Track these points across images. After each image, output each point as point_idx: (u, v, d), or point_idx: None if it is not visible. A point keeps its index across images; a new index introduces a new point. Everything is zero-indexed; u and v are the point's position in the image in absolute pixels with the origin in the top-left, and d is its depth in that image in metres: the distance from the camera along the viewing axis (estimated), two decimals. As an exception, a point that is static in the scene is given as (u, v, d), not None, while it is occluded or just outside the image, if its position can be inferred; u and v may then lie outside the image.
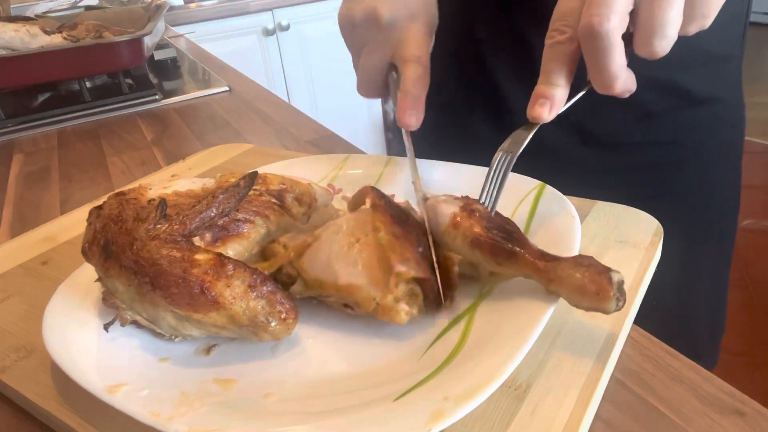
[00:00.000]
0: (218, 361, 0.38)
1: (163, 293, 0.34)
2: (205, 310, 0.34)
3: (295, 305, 0.37)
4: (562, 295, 0.35)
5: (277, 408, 0.34)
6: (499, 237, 0.37)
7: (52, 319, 0.40)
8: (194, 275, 0.34)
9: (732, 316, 0.75)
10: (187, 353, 0.39)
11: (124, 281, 0.36)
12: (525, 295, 0.39)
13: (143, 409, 0.32)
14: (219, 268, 0.34)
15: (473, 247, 0.38)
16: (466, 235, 0.38)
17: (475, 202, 0.41)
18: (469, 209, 0.40)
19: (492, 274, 0.40)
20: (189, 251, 0.35)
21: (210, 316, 0.35)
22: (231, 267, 0.35)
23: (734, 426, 0.33)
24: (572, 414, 0.32)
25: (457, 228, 0.39)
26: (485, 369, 0.33)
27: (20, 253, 0.57)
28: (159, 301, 0.35)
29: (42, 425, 0.39)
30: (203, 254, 0.35)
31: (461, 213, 0.39)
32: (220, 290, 0.34)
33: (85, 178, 0.82)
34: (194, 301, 0.34)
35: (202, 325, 0.36)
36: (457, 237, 0.39)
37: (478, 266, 0.40)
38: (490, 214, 0.40)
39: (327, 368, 0.37)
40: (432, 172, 0.56)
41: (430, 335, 0.38)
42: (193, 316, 0.35)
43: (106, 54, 1.11)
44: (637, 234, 0.47)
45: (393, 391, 0.33)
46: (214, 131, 0.97)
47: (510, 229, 0.38)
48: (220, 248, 0.38)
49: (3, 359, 0.42)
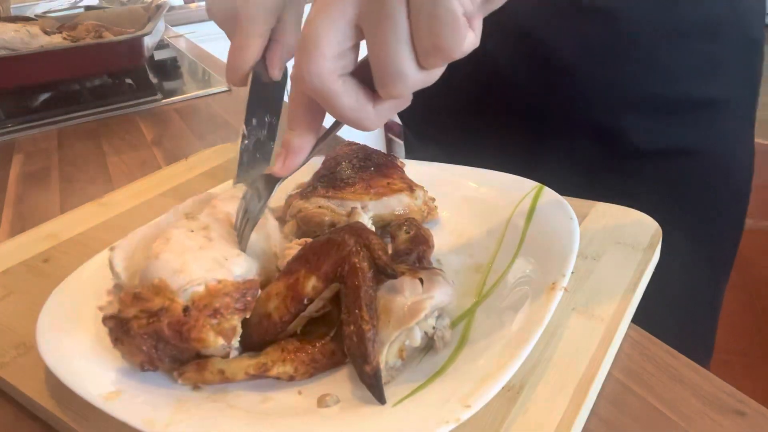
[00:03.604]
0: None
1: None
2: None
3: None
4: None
5: (276, 413, 0.34)
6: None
7: (47, 323, 0.40)
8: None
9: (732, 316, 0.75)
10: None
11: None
12: (525, 296, 0.39)
13: (139, 416, 0.32)
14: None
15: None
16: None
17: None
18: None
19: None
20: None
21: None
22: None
23: (734, 426, 0.33)
24: (565, 414, 0.32)
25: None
26: (486, 371, 0.32)
27: (22, 251, 0.57)
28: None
29: (40, 422, 0.39)
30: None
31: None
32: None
33: (85, 178, 0.82)
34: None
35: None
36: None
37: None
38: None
39: (326, 373, 0.37)
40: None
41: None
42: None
43: (106, 54, 1.11)
44: (636, 236, 0.47)
45: (390, 395, 0.33)
46: (214, 131, 0.97)
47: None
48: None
49: (2, 356, 0.42)
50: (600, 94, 0.60)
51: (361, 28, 0.30)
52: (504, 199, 0.51)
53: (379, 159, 0.53)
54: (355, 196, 0.49)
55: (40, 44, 1.13)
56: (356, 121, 0.32)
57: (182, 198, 0.60)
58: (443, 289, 0.36)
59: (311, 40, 0.29)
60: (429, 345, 0.37)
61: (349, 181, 0.50)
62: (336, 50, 0.30)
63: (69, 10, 1.68)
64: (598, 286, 0.42)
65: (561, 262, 0.40)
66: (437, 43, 0.28)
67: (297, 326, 0.38)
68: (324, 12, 0.29)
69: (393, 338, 0.34)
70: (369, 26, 0.29)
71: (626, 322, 0.39)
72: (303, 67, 0.30)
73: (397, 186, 0.50)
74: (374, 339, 0.33)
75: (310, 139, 0.36)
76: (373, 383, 0.33)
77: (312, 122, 0.35)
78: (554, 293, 0.37)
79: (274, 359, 0.36)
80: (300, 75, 0.30)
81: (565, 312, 0.40)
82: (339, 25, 0.29)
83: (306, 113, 0.35)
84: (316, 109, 0.34)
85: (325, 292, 0.37)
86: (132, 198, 0.66)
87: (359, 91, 0.31)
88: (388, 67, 0.29)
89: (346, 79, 0.31)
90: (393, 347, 0.35)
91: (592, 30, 0.58)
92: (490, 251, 0.47)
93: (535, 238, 0.45)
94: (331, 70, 0.30)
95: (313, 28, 0.29)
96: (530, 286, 0.40)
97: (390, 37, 0.28)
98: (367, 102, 0.32)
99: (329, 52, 0.30)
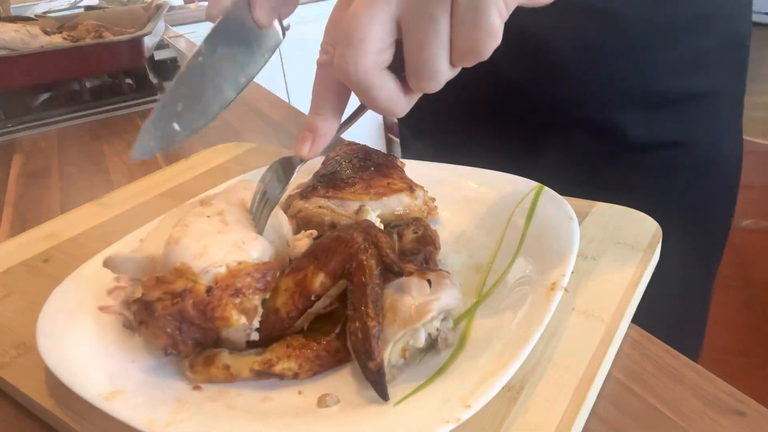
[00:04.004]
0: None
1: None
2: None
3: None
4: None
5: (276, 413, 0.34)
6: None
7: (47, 323, 0.40)
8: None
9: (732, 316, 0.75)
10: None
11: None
12: (525, 296, 0.39)
13: (139, 416, 0.32)
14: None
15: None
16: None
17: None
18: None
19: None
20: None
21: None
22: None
23: (734, 426, 0.33)
24: (565, 414, 0.32)
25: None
26: (486, 371, 0.32)
27: (23, 250, 0.57)
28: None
29: (40, 421, 0.39)
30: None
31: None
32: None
33: (85, 178, 0.82)
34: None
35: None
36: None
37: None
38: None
39: (326, 373, 0.37)
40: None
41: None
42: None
43: (106, 54, 1.11)
44: (636, 236, 0.47)
45: (390, 395, 0.33)
46: (214, 131, 0.96)
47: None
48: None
49: (2, 355, 0.42)
50: (593, 89, 0.61)
51: (399, 23, 0.30)
52: (504, 199, 0.51)
53: (379, 159, 0.53)
54: (355, 196, 0.49)
55: (40, 44, 1.13)
56: (388, 111, 0.33)
57: (182, 198, 0.61)
58: (450, 292, 0.36)
59: (357, 35, 0.30)
60: (431, 346, 0.37)
61: (349, 181, 0.50)
62: (379, 46, 0.31)
63: (69, 10, 1.68)
64: (598, 286, 0.42)
65: (561, 262, 0.40)
66: (474, 47, 0.29)
67: (304, 323, 0.38)
68: (369, 7, 0.30)
69: (397, 337, 0.34)
70: (410, 24, 0.30)
71: (626, 322, 0.39)
72: (348, 60, 0.31)
73: (397, 186, 0.50)
74: (379, 336, 0.34)
75: (335, 122, 0.37)
76: (376, 380, 0.33)
77: (338, 106, 0.36)
78: (554, 293, 0.37)
79: (279, 355, 0.36)
80: (344, 68, 0.31)
81: (565, 312, 0.40)
82: (383, 21, 0.30)
83: (333, 97, 0.35)
84: (343, 94, 0.35)
85: (332, 289, 0.37)
86: (132, 198, 0.66)
87: (395, 83, 0.32)
88: (425, 66, 0.31)
89: (383, 72, 0.32)
90: (396, 346, 0.35)
91: (585, 27, 0.59)
92: (490, 251, 0.47)
93: (535, 238, 0.45)
94: (375, 64, 0.31)
95: (358, 22, 0.30)
96: (530, 286, 0.40)
97: (432, 39, 0.30)
98: (400, 93, 0.33)
99: (373, 48, 0.30)
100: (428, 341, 0.36)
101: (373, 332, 0.33)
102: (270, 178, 0.41)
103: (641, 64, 0.59)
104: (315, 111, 0.36)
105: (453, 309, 0.37)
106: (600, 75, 0.60)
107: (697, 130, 0.63)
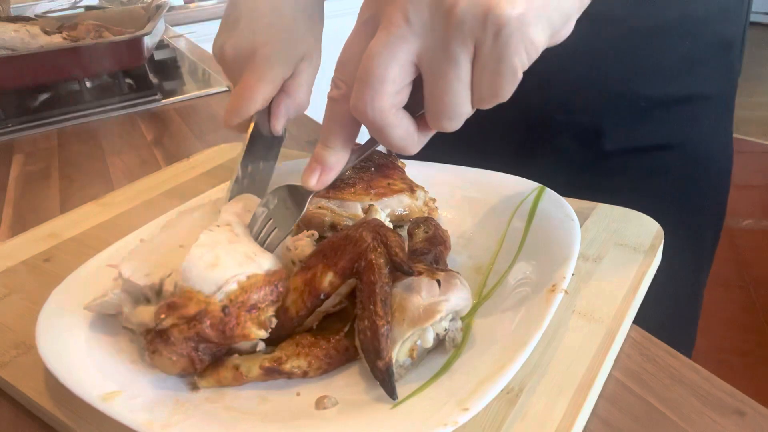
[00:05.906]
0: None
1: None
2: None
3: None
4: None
5: (274, 415, 0.34)
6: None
7: (46, 323, 0.40)
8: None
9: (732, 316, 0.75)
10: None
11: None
12: (525, 298, 0.39)
13: (137, 417, 0.32)
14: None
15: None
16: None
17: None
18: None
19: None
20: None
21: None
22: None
23: (734, 426, 0.33)
24: (564, 417, 0.32)
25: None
26: (485, 374, 0.32)
27: (23, 250, 0.57)
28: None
29: (40, 421, 0.39)
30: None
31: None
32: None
33: (85, 178, 0.82)
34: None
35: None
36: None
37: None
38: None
39: (325, 375, 0.37)
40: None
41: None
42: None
43: (106, 54, 1.11)
44: (637, 237, 0.47)
45: (387, 398, 0.33)
46: (214, 131, 0.96)
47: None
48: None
49: (2, 355, 0.42)
50: (580, 94, 0.61)
51: (418, 65, 0.31)
52: (505, 200, 0.51)
53: (380, 159, 0.53)
54: (356, 197, 0.48)
55: (40, 44, 1.13)
56: (402, 149, 0.34)
57: (183, 198, 0.61)
58: (460, 293, 0.36)
59: (375, 75, 0.30)
60: (438, 345, 0.37)
61: (350, 182, 0.50)
62: (397, 86, 0.31)
63: (69, 10, 1.68)
64: (599, 288, 0.42)
65: (562, 264, 0.40)
66: (496, 92, 0.30)
67: (313, 321, 0.38)
68: (388, 48, 0.30)
69: (406, 337, 0.34)
70: (432, 67, 0.30)
71: (627, 325, 0.39)
72: (366, 100, 0.31)
73: (398, 186, 0.50)
74: (388, 335, 0.34)
75: (344, 156, 0.37)
76: (385, 378, 0.33)
77: (348, 140, 0.37)
78: (555, 295, 0.37)
79: (289, 353, 0.36)
80: (361, 108, 0.31)
81: (565, 314, 0.39)
82: (402, 62, 0.30)
83: (343, 131, 0.36)
84: (354, 128, 0.36)
85: (341, 288, 0.37)
86: (132, 198, 0.66)
87: (410, 122, 0.33)
88: (447, 108, 0.31)
89: (399, 112, 0.32)
90: (405, 346, 0.35)
91: (572, 31, 0.59)
92: (490, 252, 0.47)
93: (535, 239, 0.45)
94: (392, 105, 0.31)
95: (377, 62, 0.30)
96: (531, 287, 0.40)
97: (454, 83, 0.30)
98: (414, 132, 0.33)
99: (391, 89, 0.31)
100: (436, 341, 0.36)
101: (381, 331, 0.33)
102: (276, 206, 0.41)
103: (628, 68, 0.59)
104: (324, 143, 0.36)
105: (462, 310, 0.37)
106: (588, 80, 0.60)
107: (686, 133, 0.63)
